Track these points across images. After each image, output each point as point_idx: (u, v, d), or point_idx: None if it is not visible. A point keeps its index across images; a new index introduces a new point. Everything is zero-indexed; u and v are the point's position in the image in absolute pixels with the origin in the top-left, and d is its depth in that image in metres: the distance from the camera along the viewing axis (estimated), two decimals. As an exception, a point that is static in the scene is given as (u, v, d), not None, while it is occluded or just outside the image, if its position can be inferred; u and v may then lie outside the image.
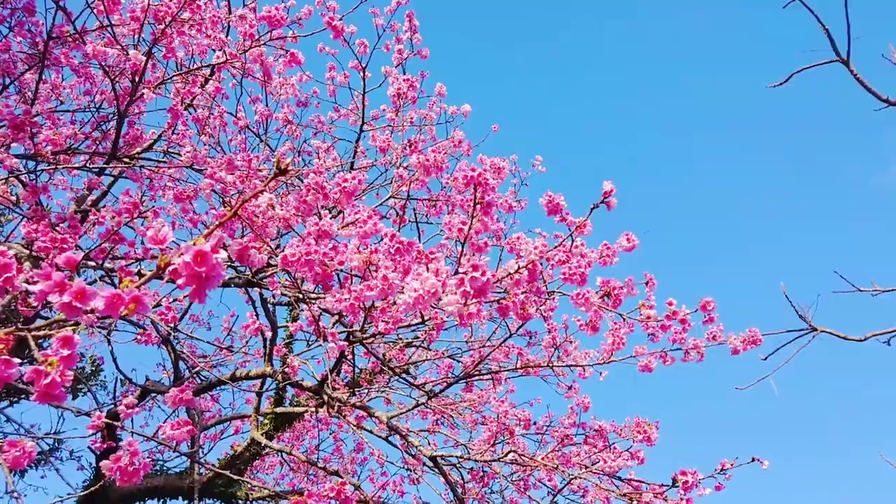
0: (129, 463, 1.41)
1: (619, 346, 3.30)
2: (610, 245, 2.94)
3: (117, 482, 1.46)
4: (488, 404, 4.52)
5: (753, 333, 3.49)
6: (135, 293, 0.80)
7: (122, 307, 0.80)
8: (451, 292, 1.56)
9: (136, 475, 1.43)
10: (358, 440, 6.59)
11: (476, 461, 3.13)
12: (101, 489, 5.14)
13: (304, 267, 1.84)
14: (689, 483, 2.34)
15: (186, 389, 1.76)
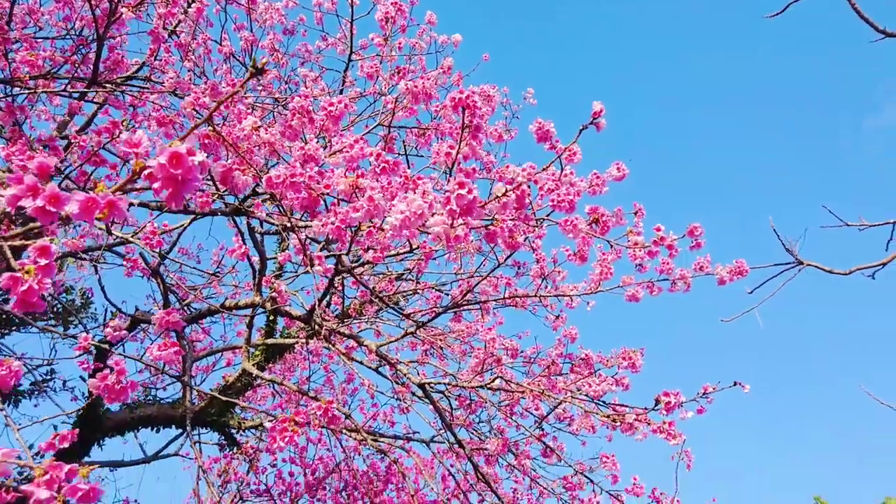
0: (116, 381, 1.42)
1: (606, 276, 3.32)
2: (600, 174, 2.92)
3: (105, 400, 1.46)
4: (476, 335, 4.56)
5: (740, 264, 3.52)
6: (109, 198, 0.78)
7: (97, 211, 0.78)
8: (438, 213, 1.54)
9: (123, 393, 1.44)
10: (348, 372, 6.69)
11: (463, 387, 3.18)
12: (95, 417, 5.22)
13: (289, 190, 1.81)
14: (672, 404, 2.39)
15: (173, 312, 1.75)
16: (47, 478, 0.99)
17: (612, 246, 2.60)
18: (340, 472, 7.29)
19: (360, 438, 5.66)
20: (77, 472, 1.07)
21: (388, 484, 7.39)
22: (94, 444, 5.48)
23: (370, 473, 7.17)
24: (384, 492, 7.44)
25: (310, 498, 7.74)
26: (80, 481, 1.05)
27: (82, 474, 1.07)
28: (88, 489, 1.05)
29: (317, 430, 6.16)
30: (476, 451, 3.75)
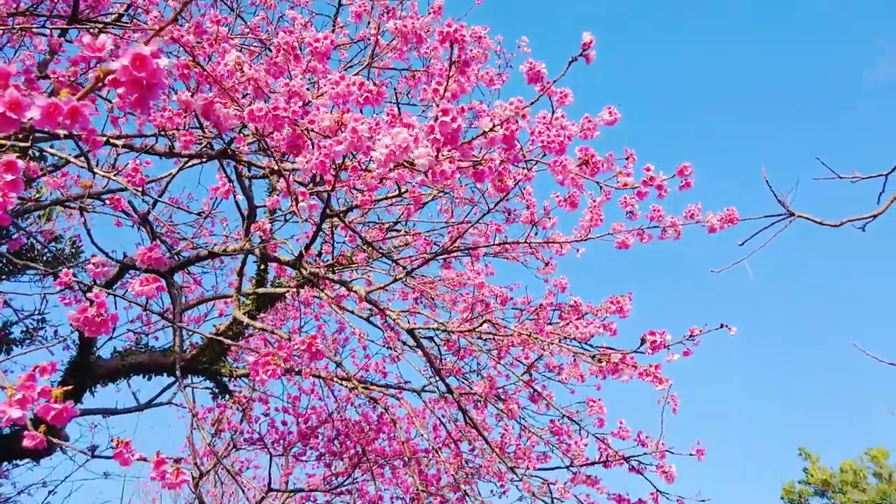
0: (96, 314, 1.40)
1: (597, 223, 3.30)
2: (591, 118, 2.88)
3: (86, 333, 1.45)
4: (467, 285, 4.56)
5: (730, 212, 3.50)
6: (73, 104, 0.75)
7: (60, 117, 0.75)
8: (423, 146, 1.52)
9: (103, 326, 1.42)
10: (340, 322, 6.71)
11: (451, 332, 3.19)
12: (86, 365, 5.24)
13: (272, 124, 1.78)
14: (657, 343, 2.40)
15: (156, 248, 1.73)
16: (20, 397, 0.98)
17: (602, 188, 2.58)
18: (333, 422, 7.38)
19: (352, 387, 5.71)
20: (50, 391, 1.06)
21: (379, 433, 7.49)
22: (87, 392, 5.51)
23: (362, 423, 7.26)
24: (376, 440, 7.54)
25: (302, 446, 7.84)
26: (51, 401, 1.04)
27: (55, 395, 1.06)
28: (61, 409, 1.05)
29: (308, 377, 6.21)
30: (464, 395, 3.78)
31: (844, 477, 17.62)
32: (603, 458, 3.31)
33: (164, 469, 1.28)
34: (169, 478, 1.30)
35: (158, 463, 1.28)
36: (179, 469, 1.30)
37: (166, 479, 1.28)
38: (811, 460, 18.50)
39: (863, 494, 17.29)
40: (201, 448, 9.22)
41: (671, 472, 3.10)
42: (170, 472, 1.29)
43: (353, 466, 7.79)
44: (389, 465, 8.05)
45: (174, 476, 1.31)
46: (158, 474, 1.28)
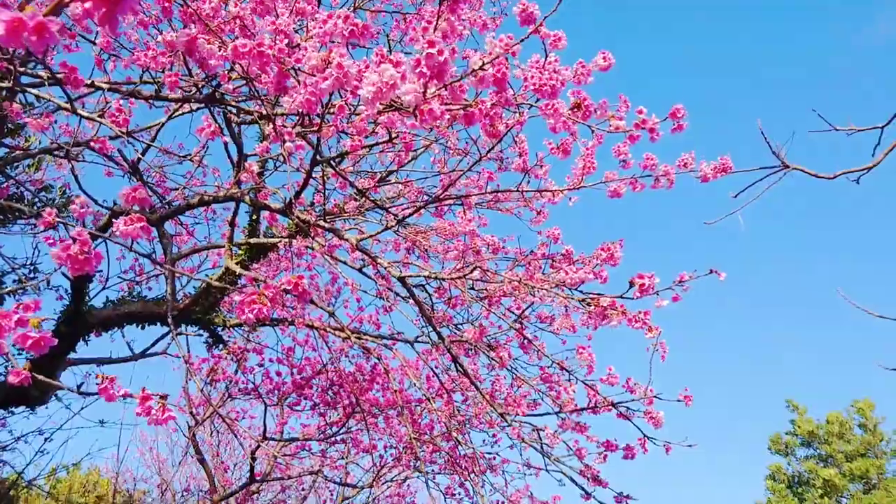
0: (79, 251, 1.38)
1: (589, 171, 3.27)
2: (585, 63, 2.83)
3: (69, 272, 1.44)
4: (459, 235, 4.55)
5: (724, 161, 3.48)
6: (39, 19, 0.72)
7: (26, 33, 0.72)
8: (410, 81, 1.48)
9: (87, 264, 1.41)
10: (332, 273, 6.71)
11: (442, 279, 3.18)
12: (80, 314, 5.24)
13: (257, 62, 1.73)
14: (646, 285, 2.40)
15: (140, 188, 1.71)
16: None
17: (594, 132, 2.55)
18: (327, 373, 7.44)
19: (345, 336, 5.74)
20: (27, 320, 1.06)
21: (373, 383, 7.56)
22: (80, 341, 5.52)
23: (356, 374, 7.32)
24: (370, 391, 7.62)
25: (297, 396, 7.92)
26: (29, 329, 1.03)
27: (32, 324, 1.06)
28: (38, 337, 1.04)
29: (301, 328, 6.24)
30: (455, 343, 3.80)
31: (830, 428, 17.97)
32: (592, 404, 3.34)
33: (149, 404, 1.28)
34: (155, 414, 1.30)
35: (144, 398, 1.28)
36: (165, 405, 1.30)
37: (152, 414, 1.29)
38: (798, 412, 18.85)
39: (848, 445, 17.66)
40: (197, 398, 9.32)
41: (659, 417, 3.14)
42: (156, 407, 1.30)
43: (347, 416, 7.88)
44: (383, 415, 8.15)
45: (160, 412, 1.31)
46: (144, 410, 1.28)
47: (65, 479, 11.45)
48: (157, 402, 1.29)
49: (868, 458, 17.11)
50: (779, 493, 18.20)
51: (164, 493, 9.43)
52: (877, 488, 16.69)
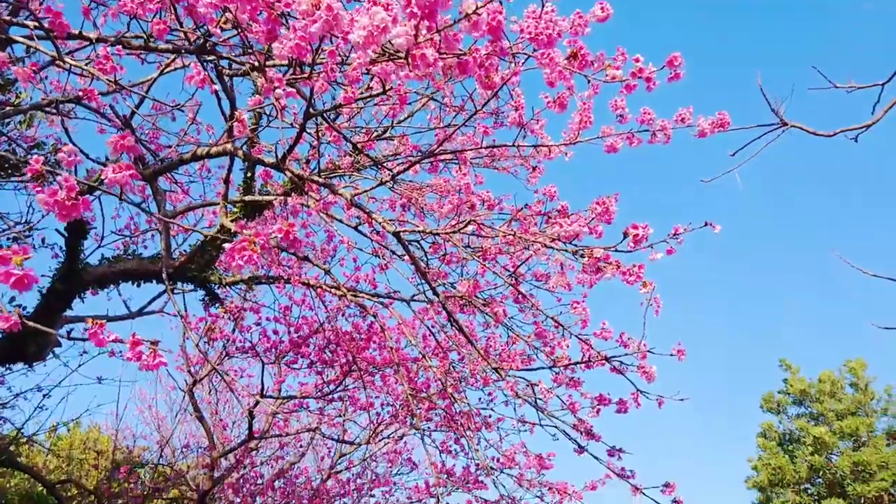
0: (66, 196, 1.37)
1: (586, 125, 3.24)
2: (583, 14, 2.78)
3: (57, 218, 1.42)
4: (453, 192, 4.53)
5: (722, 117, 3.45)
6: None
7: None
8: (401, 24, 1.45)
9: (75, 210, 1.39)
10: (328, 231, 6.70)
11: (437, 234, 3.17)
12: (75, 271, 5.23)
13: (247, 5, 1.70)
14: (640, 236, 2.39)
15: (128, 136, 1.68)
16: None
17: (590, 82, 2.51)
18: (324, 332, 7.47)
19: (341, 294, 5.75)
20: (10, 258, 1.05)
21: (370, 342, 7.61)
22: (76, 298, 5.53)
23: (353, 333, 7.36)
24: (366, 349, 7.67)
25: (294, 355, 7.97)
26: (12, 267, 1.02)
27: (15, 262, 1.05)
28: (22, 275, 1.04)
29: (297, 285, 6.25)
30: (450, 299, 3.80)
31: (822, 387, 18.19)
32: (585, 358, 3.36)
33: (139, 349, 1.28)
34: (146, 359, 1.30)
35: (134, 343, 1.28)
36: (156, 351, 1.30)
37: (143, 359, 1.29)
38: (791, 372, 19.05)
39: (839, 404, 17.89)
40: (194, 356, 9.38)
41: (651, 372, 3.16)
42: (146, 352, 1.29)
43: (344, 374, 7.94)
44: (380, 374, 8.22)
45: (151, 357, 1.31)
46: (134, 354, 1.28)
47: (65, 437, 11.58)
48: (148, 348, 1.29)
49: (858, 416, 17.36)
50: (770, 450, 18.50)
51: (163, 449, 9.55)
52: (866, 446, 16.97)
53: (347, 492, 9.54)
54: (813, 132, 4.04)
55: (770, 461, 18.03)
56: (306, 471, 10.26)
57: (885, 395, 17.51)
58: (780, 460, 17.81)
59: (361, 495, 9.83)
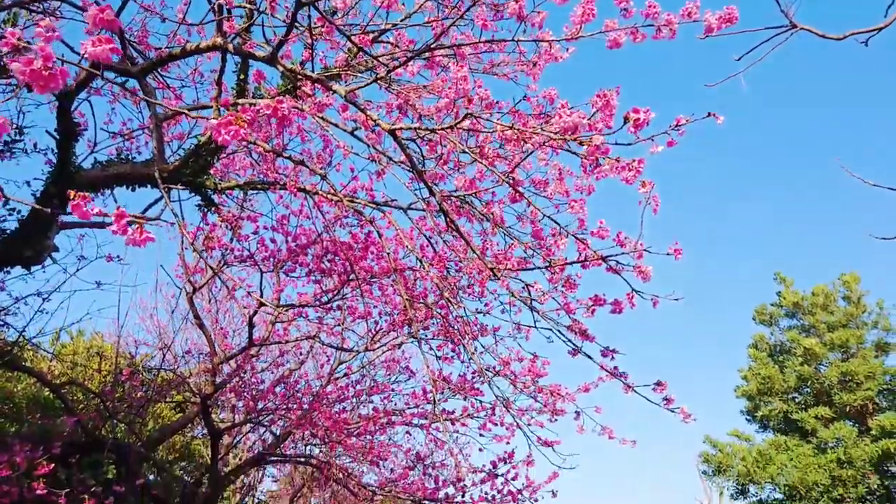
0: (42, 66, 1.31)
1: (588, 18, 3.12)
2: None
3: (36, 90, 1.36)
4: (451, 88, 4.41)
5: (730, 11, 3.32)
6: None
7: None
8: None
9: (52, 81, 1.33)
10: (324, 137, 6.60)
11: (433, 131, 3.11)
12: (67, 175, 5.16)
13: None
14: (641, 120, 2.33)
15: (107, 9, 1.60)
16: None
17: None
18: (322, 242, 7.47)
19: (337, 200, 5.71)
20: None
21: (367, 251, 7.62)
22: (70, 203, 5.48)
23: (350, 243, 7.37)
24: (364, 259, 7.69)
25: (292, 264, 8.00)
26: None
27: None
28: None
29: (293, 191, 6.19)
30: (446, 198, 3.77)
31: (815, 300, 18.43)
32: (582, 258, 3.36)
33: (125, 223, 1.25)
34: (132, 234, 1.27)
35: (119, 216, 1.25)
36: (142, 227, 1.27)
37: (129, 234, 1.26)
38: (786, 284, 19.26)
39: (830, 316, 18.17)
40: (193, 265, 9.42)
41: (647, 271, 3.16)
42: (133, 227, 1.26)
43: (342, 284, 7.99)
44: (378, 284, 8.28)
45: (138, 233, 1.28)
46: (120, 228, 1.25)
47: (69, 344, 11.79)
48: (135, 222, 1.26)
49: (849, 328, 17.66)
50: (760, 360, 18.91)
51: (165, 355, 9.73)
52: (855, 357, 17.35)
53: (346, 397, 9.78)
54: (822, 35, 3.91)
55: (760, 371, 18.46)
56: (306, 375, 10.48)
57: (877, 308, 17.77)
58: (770, 370, 18.23)
59: (360, 401, 10.08)
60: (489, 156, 3.96)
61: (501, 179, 3.09)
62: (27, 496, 4.31)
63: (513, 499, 8.34)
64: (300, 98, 4.30)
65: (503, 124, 2.77)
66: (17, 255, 5.28)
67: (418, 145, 4.04)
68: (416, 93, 4.35)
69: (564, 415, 5.81)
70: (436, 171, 4.13)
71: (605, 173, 2.74)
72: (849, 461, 15.04)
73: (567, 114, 2.47)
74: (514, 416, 5.61)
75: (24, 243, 5.23)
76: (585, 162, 2.50)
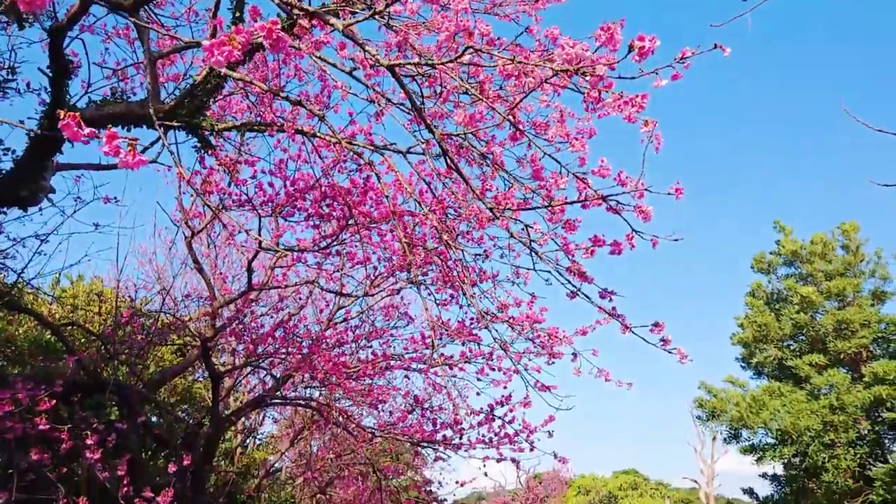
0: (27, -19, 1.25)
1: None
2: None
3: (21, 7, 1.32)
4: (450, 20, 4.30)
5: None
6: None
7: None
8: None
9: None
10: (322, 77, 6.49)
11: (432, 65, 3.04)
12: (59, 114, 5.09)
13: None
14: (646, 49, 2.28)
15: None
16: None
17: None
18: (320, 187, 7.42)
19: (335, 141, 5.64)
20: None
21: (366, 195, 7.58)
22: (66, 143, 5.42)
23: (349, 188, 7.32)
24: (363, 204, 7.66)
25: (291, 208, 7.96)
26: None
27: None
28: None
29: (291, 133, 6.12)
30: (445, 137, 3.71)
31: (813, 248, 18.45)
32: (582, 197, 3.33)
33: (117, 143, 1.22)
34: (124, 155, 1.24)
35: (110, 136, 1.22)
36: (134, 148, 1.24)
37: (120, 154, 1.23)
38: (785, 233, 19.25)
39: (828, 265, 18.22)
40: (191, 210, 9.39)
41: (648, 211, 3.14)
42: (125, 147, 1.23)
43: (340, 228, 7.97)
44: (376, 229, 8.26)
45: (131, 154, 1.25)
46: (112, 149, 1.22)
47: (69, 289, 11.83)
48: (128, 143, 1.23)
49: (847, 277, 17.73)
50: (757, 308, 19.04)
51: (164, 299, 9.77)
52: (851, 305, 17.46)
53: (346, 341, 9.86)
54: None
55: (756, 319, 18.60)
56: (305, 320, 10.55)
57: (875, 257, 17.80)
58: (766, 318, 18.36)
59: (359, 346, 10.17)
60: (490, 96, 3.89)
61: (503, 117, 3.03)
62: (30, 432, 4.37)
63: (509, 441, 8.48)
64: (297, 36, 4.20)
65: (504, 58, 2.70)
66: (12, 196, 5.25)
67: (418, 84, 3.96)
68: (415, 30, 4.25)
69: (562, 358, 5.85)
70: (435, 109, 4.06)
71: (607, 111, 2.68)
72: (841, 407, 15.28)
73: (570, 45, 2.41)
74: (511, 358, 5.65)
75: (20, 184, 5.19)
76: (588, 97, 2.44)
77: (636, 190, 3.08)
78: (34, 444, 4.44)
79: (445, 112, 4.10)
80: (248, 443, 14.24)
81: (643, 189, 3.06)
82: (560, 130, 4.90)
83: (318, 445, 14.35)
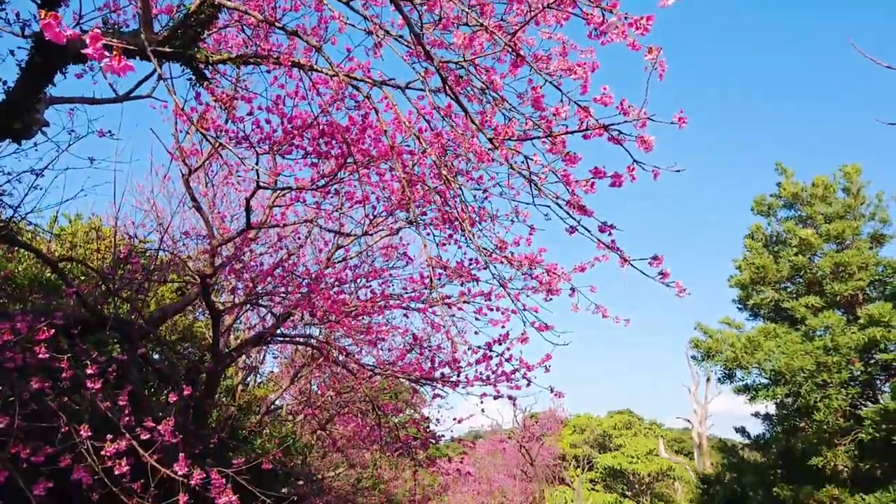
0: None
1: None
2: None
3: None
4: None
5: None
6: None
7: None
8: None
9: None
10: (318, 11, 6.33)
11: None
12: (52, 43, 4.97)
13: None
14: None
15: None
16: None
17: None
18: (319, 125, 7.32)
19: (333, 74, 5.54)
20: None
21: (364, 133, 7.50)
22: (58, 73, 5.31)
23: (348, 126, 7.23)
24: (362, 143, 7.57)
25: (288, 145, 7.86)
26: None
27: None
28: None
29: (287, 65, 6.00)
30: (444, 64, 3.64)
31: (814, 191, 18.36)
32: (583, 126, 3.27)
33: (101, 46, 1.17)
34: (110, 60, 1.19)
35: (95, 38, 1.17)
36: (120, 53, 1.19)
37: (106, 59, 1.18)
38: (786, 175, 19.13)
39: (829, 207, 18.16)
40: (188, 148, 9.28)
41: (650, 141, 3.08)
42: (111, 52, 1.19)
43: (339, 166, 7.90)
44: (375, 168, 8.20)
45: (117, 61, 1.20)
46: (96, 52, 1.17)
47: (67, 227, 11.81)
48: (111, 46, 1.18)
49: (846, 219, 17.69)
50: (755, 250, 19.07)
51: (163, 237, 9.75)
52: (849, 248, 17.48)
53: (345, 280, 9.89)
54: None
55: (754, 261, 18.64)
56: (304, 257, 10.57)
57: (876, 200, 17.72)
58: (764, 260, 18.40)
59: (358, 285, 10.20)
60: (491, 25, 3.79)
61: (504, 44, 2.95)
62: (30, 361, 4.40)
63: (507, 378, 8.59)
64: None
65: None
66: (5, 128, 5.17)
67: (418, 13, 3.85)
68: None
69: (559, 294, 5.87)
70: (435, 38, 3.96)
71: (611, 36, 2.62)
72: (835, 348, 15.43)
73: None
74: (510, 295, 5.67)
75: (13, 115, 5.10)
76: (592, 20, 2.37)
77: (638, 119, 3.02)
78: (34, 374, 4.48)
79: (445, 43, 4.00)
80: (249, 380, 14.45)
81: (645, 118, 3.00)
82: (562, 63, 4.80)
83: (319, 383, 14.56)
